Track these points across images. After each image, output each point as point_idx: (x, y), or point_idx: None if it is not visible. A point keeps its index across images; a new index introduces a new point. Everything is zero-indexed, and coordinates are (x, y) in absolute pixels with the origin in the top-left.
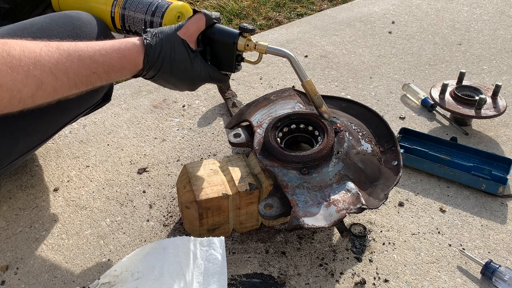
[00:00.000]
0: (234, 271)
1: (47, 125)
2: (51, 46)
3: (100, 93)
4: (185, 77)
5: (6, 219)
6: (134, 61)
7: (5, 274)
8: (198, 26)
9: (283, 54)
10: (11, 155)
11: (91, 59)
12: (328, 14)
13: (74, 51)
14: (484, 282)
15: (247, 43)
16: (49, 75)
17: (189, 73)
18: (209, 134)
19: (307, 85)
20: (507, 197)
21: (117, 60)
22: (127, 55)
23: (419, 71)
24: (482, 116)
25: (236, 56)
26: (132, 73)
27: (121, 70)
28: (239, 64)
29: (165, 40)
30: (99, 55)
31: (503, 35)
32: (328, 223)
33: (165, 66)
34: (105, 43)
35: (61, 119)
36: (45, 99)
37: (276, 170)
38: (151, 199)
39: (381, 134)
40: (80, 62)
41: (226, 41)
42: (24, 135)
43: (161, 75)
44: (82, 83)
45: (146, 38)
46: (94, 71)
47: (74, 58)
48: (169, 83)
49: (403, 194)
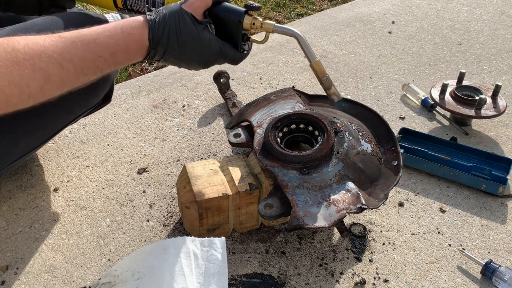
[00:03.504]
0: (234, 271)
1: (47, 125)
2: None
3: (100, 94)
4: (195, 50)
5: (6, 219)
6: (140, 38)
7: (5, 274)
8: (205, 1)
9: (291, 33)
10: (11, 155)
11: (95, 42)
12: (328, 14)
13: (76, 37)
14: (484, 282)
15: (253, 22)
16: (55, 65)
17: (198, 46)
18: (209, 134)
19: (316, 66)
20: (507, 197)
21: (122, 39)
22: (132, 33)
23: (419, 71)
24: (482, 116)
25: (242, 35)
26: (141, 54)
27: (127, 50)
28: (245, 44)
29: (169, 14)
30: (103, 36)
31: (503, 35)
32: (328, 223)
33: (172, 40)
34: (108, 25)
35: (62, 120)
36: (54, 91)
37: (276, 170)
38: (151, 199)
39: (381, 134)
40: (84, 46)
41: (231, 19)
42: (24, 135)
43: (171, 52)
44: (89, 69)
45: (150, 15)
46: (100, 55)
47: (78, 44)
48: (181, 61)
49: (403, 194)
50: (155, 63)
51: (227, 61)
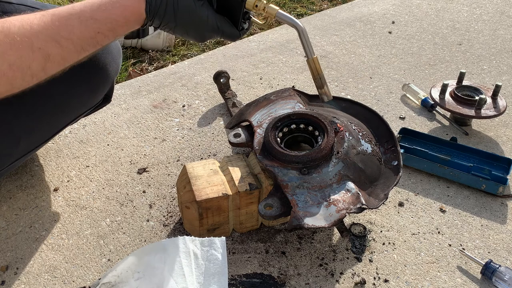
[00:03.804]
0: (234, 271)
1: (48, 125)
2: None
3: (101, 94)
4: (190, 25)
5: (6, 219)
6: (137, 11)
7: (5, 274)
8: None
9: (292, 23)
10: (12, 155)
11: (93, 19)
12: (328, 14)
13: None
14: (484, 282)
15: (256, 3)
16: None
17: (195, 21)
18: (209, 134)
19: (313, 62)
20: (507, 197)
21: (120, 14)
22: (129, 5)
23: (419, 71)
24: (482, 116)
25: (243, 13)
26: (138, 24)
27: (126, 23)
28: (245, 23)
29: None
30: (100, 12)
31: (503, 35)
32: (328, 223)
33: (169, 13)
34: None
35: (62, 120)
36: (57, 68)
37: (276, 170)
38: (151, 199)
39: (381, 134)
40: (82, 24)
41: None
42: (25, 135)
43: (167, 24)
44: (89, 45)
45: None
46: (99, 31)
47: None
48: (176, 32)
49: (403, 194)
50: (155, 63)
51: (224, 38)
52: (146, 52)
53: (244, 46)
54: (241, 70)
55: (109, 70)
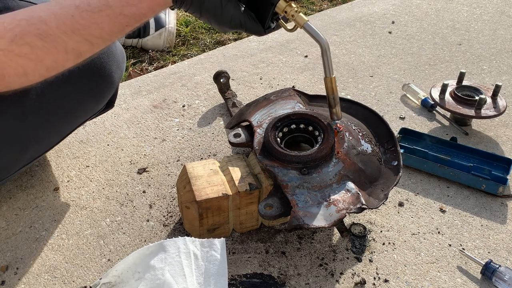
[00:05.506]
0: (234, 271)
1: (55, 132)
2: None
3: (105, 101)
4: (213, 19)
5: (6, 219)
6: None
7: (5, 274)
8: None
9: (318, 38)
10: (20, 162)
11: (122, 14)
12: (328, 14)
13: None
14: (484, 282)
15: (285, 10)
16: (85, 44)
17: (219, 17)
18: (209, 134)
19: (330, 81)
20: (507, 197)
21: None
22: None
23: (419, 71)
24: (482, 116)
25: (271, 14)
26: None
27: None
28: (272, 22)
29: None
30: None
31: (503, 35)
32: (328, 223)
33: (195, 6)
34: None
35: (69, 126)
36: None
37: (276, 170)
38: (151, 199)
39: (381, 134)
40: (111, 21)
41: None
42: (33, 143)
43: (191, 12)
44: (116, 37)
45: None
46: (127, 25)
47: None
48: (199, 19)
49: (403, 194)
50: (155, 63)
51: (247, 32)
52: (146, 52)
53: (244, 46)
54: (241, 70)
55: (114, 77)
